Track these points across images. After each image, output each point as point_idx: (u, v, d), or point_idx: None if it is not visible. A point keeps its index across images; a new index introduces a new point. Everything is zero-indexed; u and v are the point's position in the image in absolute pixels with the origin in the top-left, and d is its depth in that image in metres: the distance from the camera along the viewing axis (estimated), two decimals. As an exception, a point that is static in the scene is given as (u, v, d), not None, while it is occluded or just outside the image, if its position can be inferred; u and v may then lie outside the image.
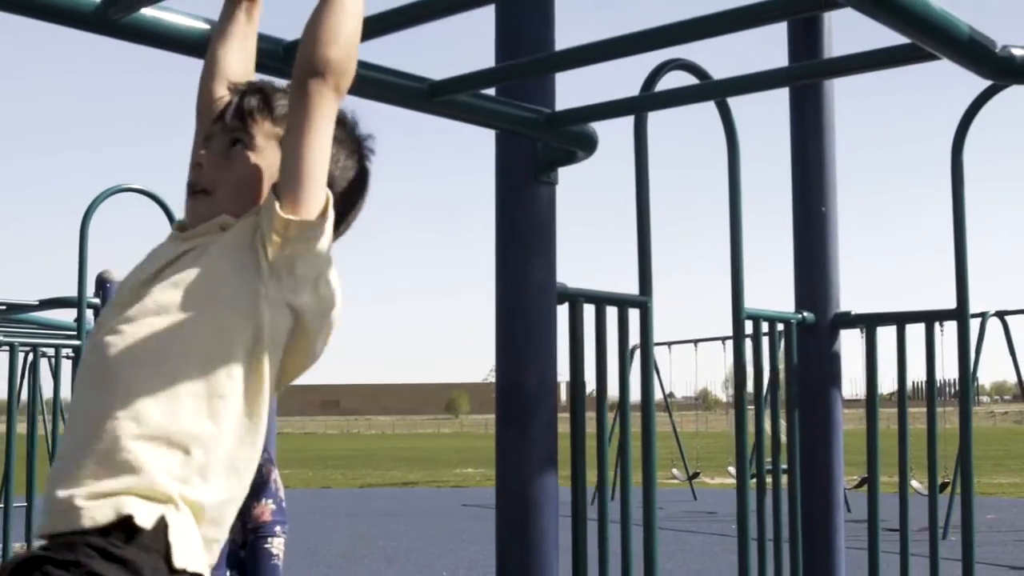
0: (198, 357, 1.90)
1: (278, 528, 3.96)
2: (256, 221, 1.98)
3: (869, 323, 4.55)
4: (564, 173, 3.29)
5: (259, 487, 3.93)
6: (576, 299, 3.44)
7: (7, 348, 6.02)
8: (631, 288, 3.71)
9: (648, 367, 3.66)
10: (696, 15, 2.57)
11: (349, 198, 2.16)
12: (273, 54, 2.52)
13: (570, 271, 3.51)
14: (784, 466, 4.44)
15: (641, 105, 3.19)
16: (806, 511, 4.35)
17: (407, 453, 46.97)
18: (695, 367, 23.80)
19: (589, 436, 3.61)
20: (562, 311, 3.37)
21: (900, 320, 4.55)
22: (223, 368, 1.90)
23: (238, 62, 2.25)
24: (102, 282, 7.21)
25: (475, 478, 29.72)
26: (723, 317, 4.32)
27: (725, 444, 37.79)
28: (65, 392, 6.20)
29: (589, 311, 3.51)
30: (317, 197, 1.96)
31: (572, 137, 3.09)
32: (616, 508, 3.85)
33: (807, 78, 3.97)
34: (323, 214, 1.97)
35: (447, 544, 15.43)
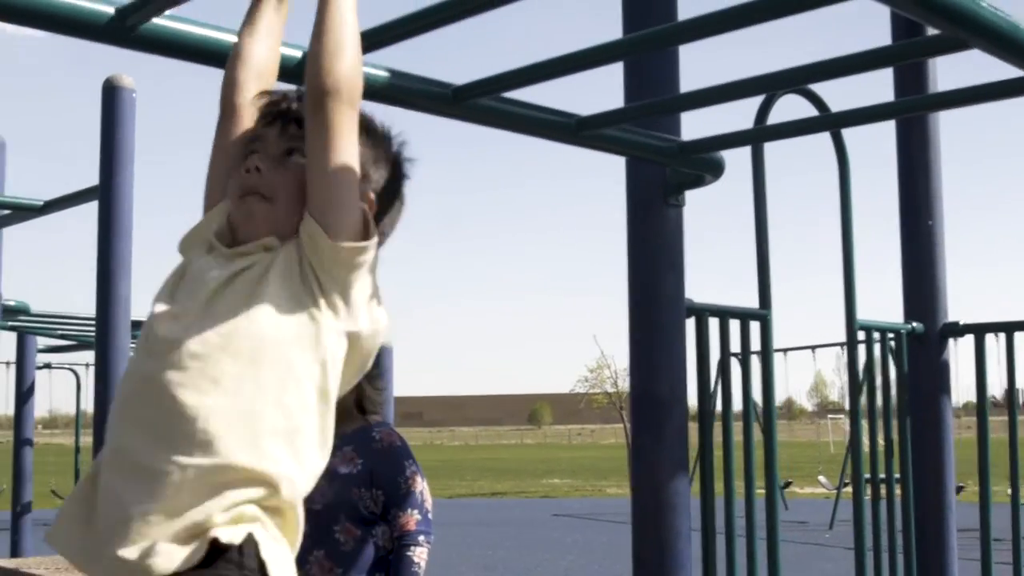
0: (275, 397, 1.84)
1: (421, 538, 4.09)
2: (299, 251, 1.93)
3: (978, 332, 4.68)
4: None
5: (405, 497, 4.09)
6: (702, 313, 3.66)
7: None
8: (744, 294, 3.91)
9: (769, 377, 3.85)
10: (810, 53, 2.78)
11: (383, 210, 2.10)
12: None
13: (691, 284, 3.71)
14: (894, 475, 4.53)
15: (766, 135, 3.41)
16: (918, 520, 4.47)
17: (492, 464, 47.23)
18: (785, 377, 23.75)
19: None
20: (688, 324, 3.57)
21: (1009, 329, 4.67)
22: (299, 406, 1.86)
23: (267, 50, 2.18)
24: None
25: (563, 488, 29.89)
26: (813, 327, 4.49)
27: (812, 453, 37.55)
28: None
29: (713, 324, 3.72)
30: (354, 217, 1.93)
31: (702, 164, 3.32)
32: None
33: (920, 110, 4.14)
34: (367, 234, 1.94)
35: (542, 553, 15.64)
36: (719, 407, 3.85)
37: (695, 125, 3.41)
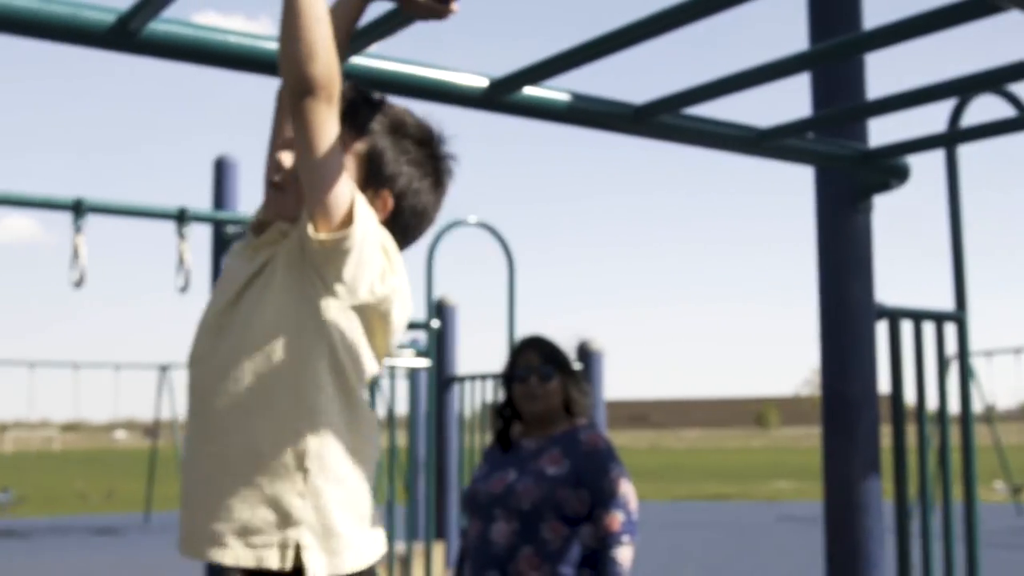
0: (293, 389, 2.01)
1: (626, 538, 4.19)
2: (301, 236, 2.04)
3: None
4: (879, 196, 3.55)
5: (610, 498, 4.23)
6: (895, 315, 3.69)
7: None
8: (941, 298, 3.89)
9: (965, 380, 3.83)
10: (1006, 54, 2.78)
11: (420, 217, 2.22)
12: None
13: (886, 286, 3.74)
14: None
15: (953, 139, 3.41)
16: None
17: (717, 467, 46.80)
18: (1017, 377, 22.82)
19: (910, 450, 3.76)
20: (881, 328, 3.60)
21: None
22: (314, 389, 2.02)
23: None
24: (441, 307, 7.87)
25: (788, 492, 29.40)
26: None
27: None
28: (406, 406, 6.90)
29: (907, 327, 3.73)
30: (339, 209, 2.00)
31: (887, 170, 3.37)
32: (939, 522, 3.95)
33: None
34: (347, 221, 2.00)
35: (765, 556, 15.52)
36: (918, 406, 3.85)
37: (877, 129, 3.46)
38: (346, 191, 2.01)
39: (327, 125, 1.97)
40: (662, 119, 2.86)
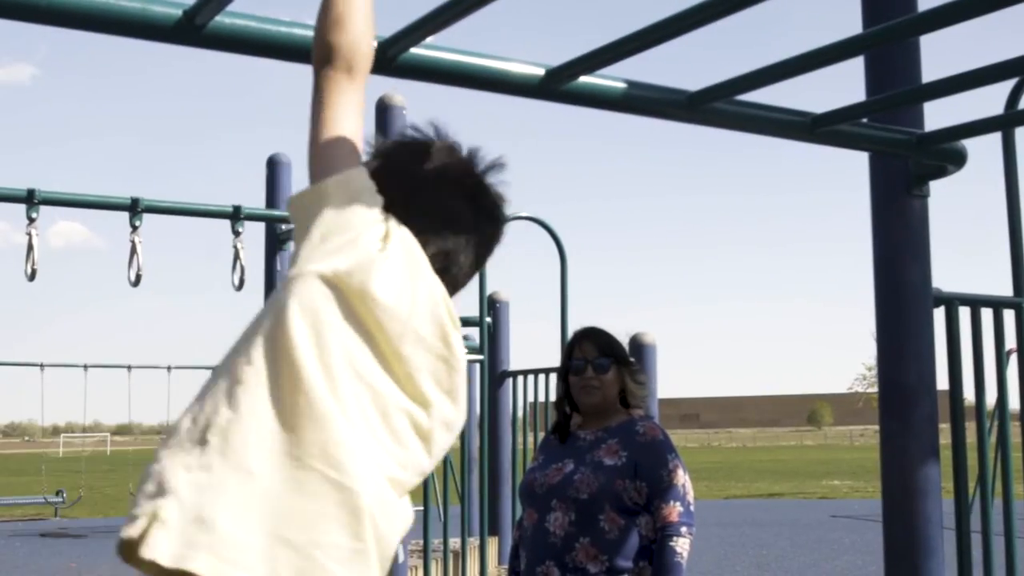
0: (230, 363, 1.70)
1: (684, 529, 4.19)
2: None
3: None
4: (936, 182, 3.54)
5: (668, 489, 4.24)
6: (951, 302, 3.66)
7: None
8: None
9: (1025, 368, 3.80)
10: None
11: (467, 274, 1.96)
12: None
13: (942, 275, 3.71)
14: None
15: (1010, 121, 3.38)
16: None
17: (770, 466, 46.53)
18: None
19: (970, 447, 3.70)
20: (938, 315, 3.58)
21: None
22: (244, 361, 1.66)
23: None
24: (492, 302, 7.89)
25: (842, 490, 29.20)
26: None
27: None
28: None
29: (964, 314, 3.71)
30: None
31: (942, 154, 3.35)
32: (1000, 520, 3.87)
33: None
34: (323, 180, 1.78)
35: (817, 553, 15.44)
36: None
37: (933, 116, 3.43)
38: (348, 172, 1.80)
39: (343, 99, 1.85)
40: (715, 106, 2.87)
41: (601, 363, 4.41)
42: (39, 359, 20.77)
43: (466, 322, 9.33)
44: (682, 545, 4.17)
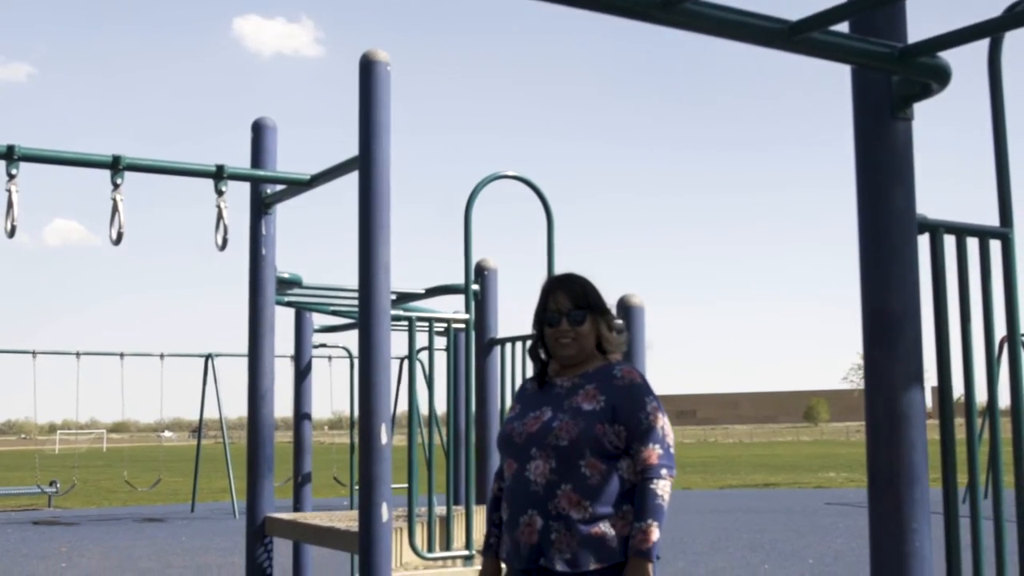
0: None
1: (664, 471, 4.14)
2: None
3: None
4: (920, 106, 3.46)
5: (647, 432, 4.18)
6: (936, 229, 3.59)
7: (405, 326, 6.68)
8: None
9: (1012, 302, 3.73)
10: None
11: None
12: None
13: (929, 204, 3.65)
14: None
15: (994, 28, 3.29)
16: None
17: (767, 460, 46.53)
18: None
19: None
20: (923, 244, 3.51)
21: None
22: None
23: None
24: (480, 270, 7.80)
25: (838, 481, 29.16)
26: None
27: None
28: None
29: (950, 245, 3.63)
30: None
31: (925, 69, 3.28)
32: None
33: None
34: None
35: (811, 536, 15.40)
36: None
37: (919, 34, 3.36)
38: None
39: None
40: (690, 7, 2.81)
41: (576, 316, 4.33)
42: (32, 349, 20.70)
43: (453, 290, 9.26)
44: (663, 487, 4.11)
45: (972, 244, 3.69)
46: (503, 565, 4.50)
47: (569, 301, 4.35)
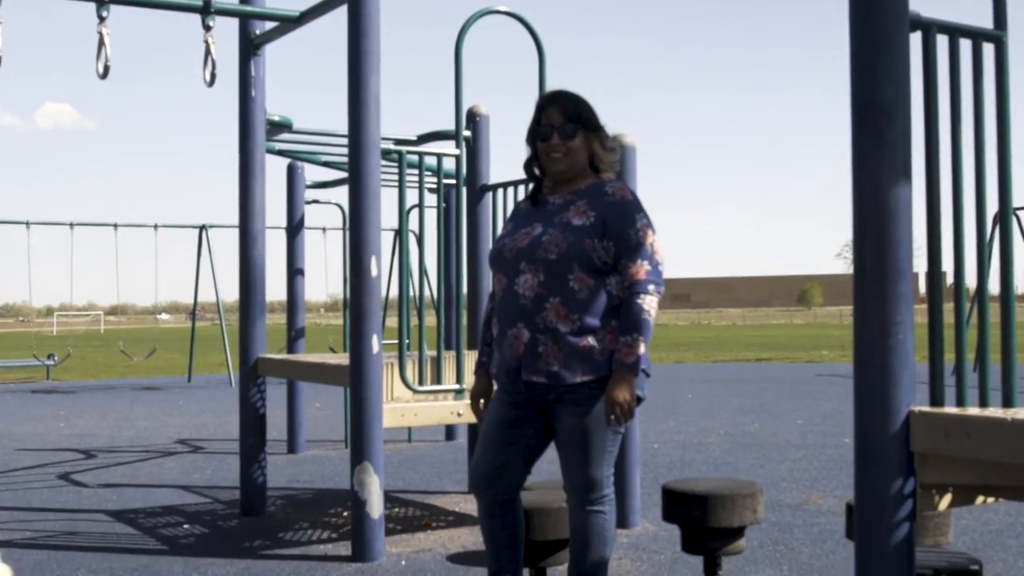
0: None
1: (651, 287, 4.15)
2: None
3: None
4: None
5: (636, 248, 4.18)
6: (929, 27, 3.54)
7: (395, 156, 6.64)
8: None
9: (1004, 107, 3.69)
10: None
11: None
12: None
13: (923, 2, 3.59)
14: None
15: None
16: None
17: (760, 340, 46.87)
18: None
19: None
20: (915, 44, 3.46)
21: None
22: None
23: None
24: (472, 116, 7.74)
25: (830, 358, 29.38)
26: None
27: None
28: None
29: (943, 45, 3.58)
30: None
31: None
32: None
33: None
34: None
35: (802, 400, 15.58)
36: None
37: None
38: None
39: None
40: None
41: (567, 130, 4.32)
42: (25, 220, 20.66)
43: (445, 135, 9.22)
44: (649, 303, 4.12)
45: (965, 46, 3.65)
46: (494, 383, 4.55)
47: (561, 116, 4.34)
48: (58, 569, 5.71)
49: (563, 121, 4.33)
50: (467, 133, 7.67)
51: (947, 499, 3.46)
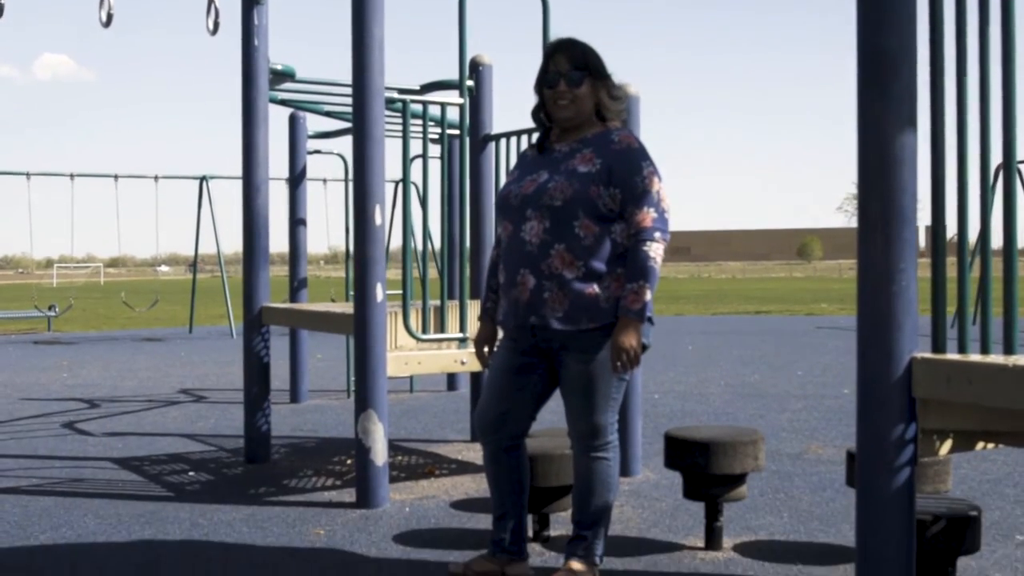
0: None
1: (657, 234, 4.17)
2: None
3: None
4: None
5: (642, 196, 4.19)
6: (936, -25, 3.53)
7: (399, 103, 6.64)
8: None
9: (1010, 59, 3.66)
10: None
11: None
12: None
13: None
14: None
15: None
16: None
17: (759, 292, 46.90)
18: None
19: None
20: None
21: None
22: None
23: None
24: (475, 65, 7.72)
25: (830, 311, 29.43)
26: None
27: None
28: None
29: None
30: None
31: None
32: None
33: None
34: None
35: (801, 352, 15.63)
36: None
37: None
38: None
39: None
40: None
41: (574, 76, 4.33)
42: (26, 171, 20.62)
43: (447, 85, 9.19)
44: (655, 250, 4.15)
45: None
46: (499, 330, 4.58)
47: (568, 63, 4.35)
48: (65, 515, 5.76)
49: (570, 68, 4.34)
50: (470, 83, 7.65)
51: (948, 445, 3.50)
